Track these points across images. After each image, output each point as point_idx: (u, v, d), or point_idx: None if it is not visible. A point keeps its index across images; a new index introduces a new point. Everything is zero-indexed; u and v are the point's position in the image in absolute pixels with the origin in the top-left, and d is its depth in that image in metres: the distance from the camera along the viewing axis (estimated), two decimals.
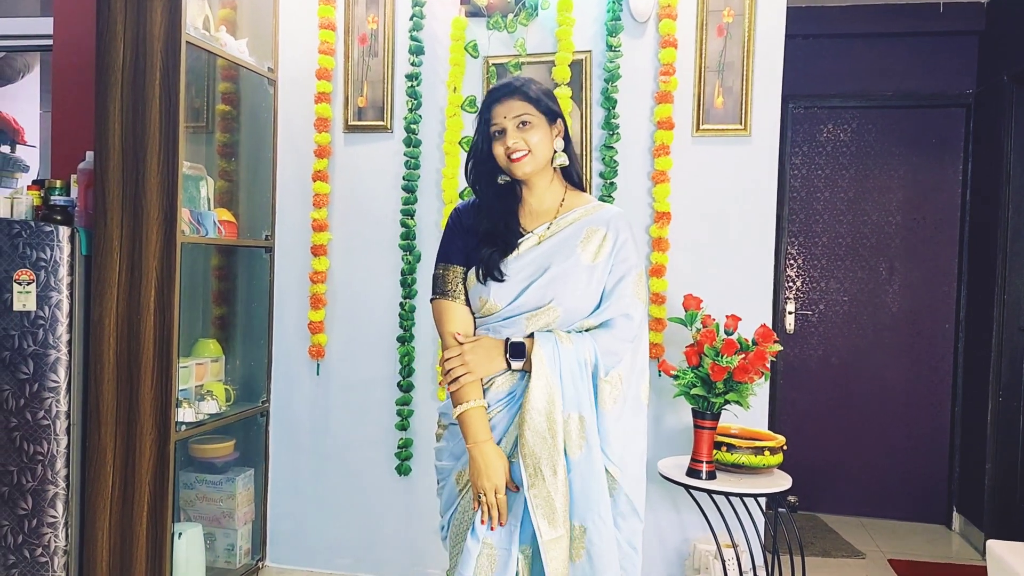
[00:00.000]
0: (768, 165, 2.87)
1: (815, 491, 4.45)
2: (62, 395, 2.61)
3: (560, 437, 1.75)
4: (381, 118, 3.13)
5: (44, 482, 2.60)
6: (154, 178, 2.63)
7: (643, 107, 2.94)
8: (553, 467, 1.73)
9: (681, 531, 2.92)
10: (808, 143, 4.47)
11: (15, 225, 2.61)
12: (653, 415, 2.94)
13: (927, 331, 4.35)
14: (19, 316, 2.59)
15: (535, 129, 1.80)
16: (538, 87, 1.85)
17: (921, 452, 4.36)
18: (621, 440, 1.82)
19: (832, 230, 4.46)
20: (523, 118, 1.80)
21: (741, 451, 2.57)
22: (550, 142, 1.84)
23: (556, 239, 1.83)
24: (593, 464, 1.77)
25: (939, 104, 4.33)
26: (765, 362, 2.47)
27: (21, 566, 2.61)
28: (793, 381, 4.49)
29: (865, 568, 3.68)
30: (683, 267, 2.91)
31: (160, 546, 2.64)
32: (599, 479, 1.77)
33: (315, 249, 3.16)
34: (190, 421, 2.79)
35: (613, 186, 2.92)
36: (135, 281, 2.64)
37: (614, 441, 1.81)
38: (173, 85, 2.63)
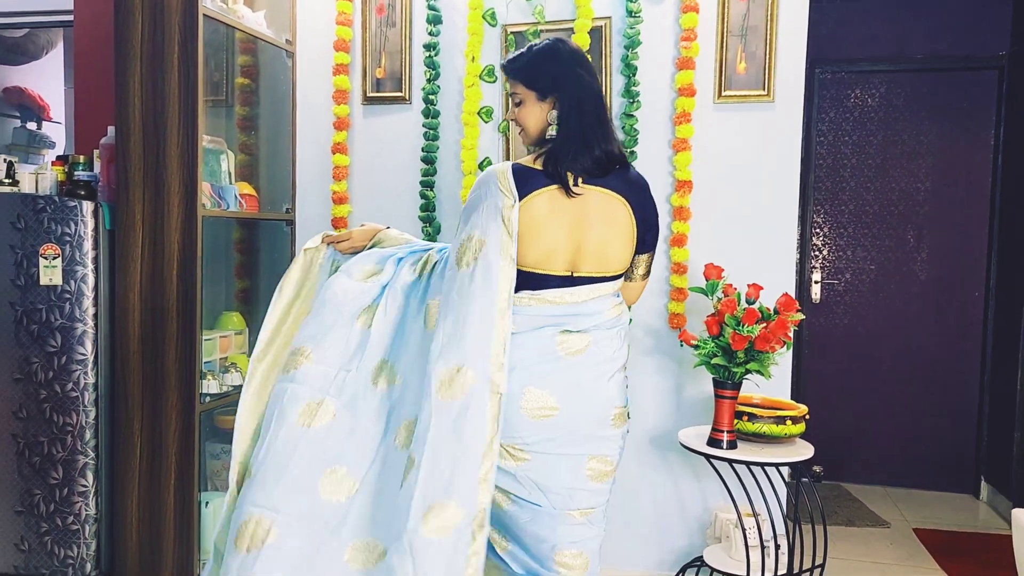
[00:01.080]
0: (792, 132, 2.82)
1: (840, 461, 4.42)
2: (89, 367, 2.66)
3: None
4: (399, 89, 3.12)
5: (74, 452, 2.66)
6: (175, 152, 2.65)
7: (664, 74, 2.89)
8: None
9: (702, 500, 2.93)
10: (835, 108, 4.39)
11: (40, 201, 2.64)
12: (674, 385, 2.93)
13: (956, 299, 4.29)
14: (46, 290, 2.64)
15: (524, 106, 1.93)
16: (530, 59, 1.92)
17: (948, 422, 4.31)
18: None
19: (859, 197, 4.39)
20: (517, 97, 1.94)
21: (762, 420, 2.55)
22: (541, 116, 1.91)
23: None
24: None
25: (971, 67, 4.23)
26: (787, 331, 2.45)
27: (53, 533, 2.68)
28: (819, 351, 4.45)
29: (889, 537, 3.66)
30: (705, 236, 2.88)
31: (188, 514, 2.69)
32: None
33: (335, 222, 3.17)
34: (215, 393, 2.82)
35: (634, 155, 2.89)
36: (158, 255, 2.67)
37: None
38: (191, 59, 2.63)
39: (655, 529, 2.98)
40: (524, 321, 1.85)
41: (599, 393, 1.88)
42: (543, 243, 1.85)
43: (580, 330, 1.87)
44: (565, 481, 1.86)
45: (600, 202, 1.87)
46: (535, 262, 1.86)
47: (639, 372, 2.95)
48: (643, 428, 2.96)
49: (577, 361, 1.86)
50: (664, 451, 2.95)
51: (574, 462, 1.87)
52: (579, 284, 1.88)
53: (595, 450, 1.89)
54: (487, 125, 3.02)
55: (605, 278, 1.90)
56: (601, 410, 1.89)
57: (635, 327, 2.94)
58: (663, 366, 2.94)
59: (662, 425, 2.94)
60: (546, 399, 1.84)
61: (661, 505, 2.97)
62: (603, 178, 1.88)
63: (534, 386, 1.84)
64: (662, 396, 2.95)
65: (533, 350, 1.85)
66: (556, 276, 1.87)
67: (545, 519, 1.86)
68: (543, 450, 1.84)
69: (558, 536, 1.86)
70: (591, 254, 1.88)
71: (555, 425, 1.84)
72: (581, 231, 1.86)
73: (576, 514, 1.88)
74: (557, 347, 1.86)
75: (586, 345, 1.87)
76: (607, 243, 1.89)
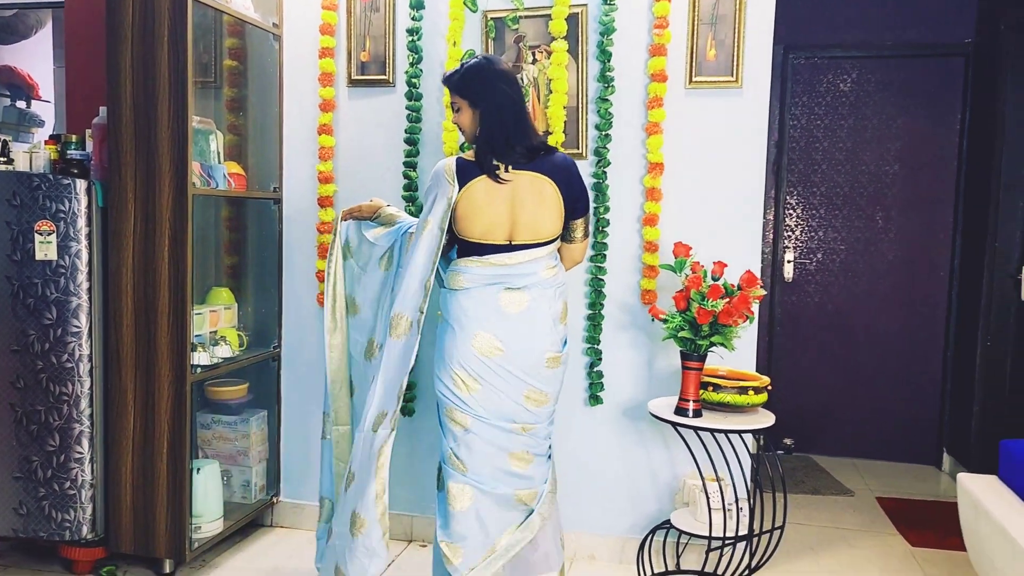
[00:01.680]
0: (758, 116, 2.95)
1: (810, 434, 4.60)
2: (84, 339, 2.77)
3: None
4: (383, 72, 3.22)
5: (70, 420, 2.77)
6: (165, 133, 2.75)
7: (638, 60, 3.01)
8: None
9: (672, 467, 3.07)
10: (808, 93, 4.52)
11: (35, 178, 2.74)
12: (646, 358, 3.07)
13: (922, 279, 4.45)
14: (41, 265, 2.74)
15: (461, 113, 2.45)
16: (463, 75, 2.43)
17: (913, 396, 4.48)
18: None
19: (830, 180, 4.53)
20: (455, 105, 2.47)
21: (726, 391, 2.70)
22: (474, 120, 2.43)
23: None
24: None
25: (938, 54, 4.37)
26: (749, 306, 2.59)
27: (51, 498, 2.80)
28: (790, 328, 4.61)
29: (853, 505, 3.84)
30: (675, 216, 3.01)
31: (180, 480, 2.82)
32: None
33: (322, 200, 3.28)
34: (205, 364, 2.94)
35: (608, 138, 3.01)
36: (150, 232, 2.78)
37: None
38: (181, 41, 2.73)
39: (628, 495, 3.13)
40: (473, 279, 2.41)
41: (536, 340, 2.42)
42: (484, 219, 2.39)
43: (519, 287, 2.41)
44: (508, 404, 2.41)
45: (529, 183, 2.40)
46: (480, 234, 2.40)
47: (613, 346, 3.09)
48: (617, 399, 3.10)
49: (518, 313, 2.40)
50: (636, 421, 3.09)
51: (515, 391, 2.41)
52: (516, 250, 2.41)
53: (533, 383, 2.43)
54: None
55: (538, 244, 2.43)
56: (538, 354, 2.42)
57: (609, 302, 3.07)
58: (636, 340, 3.08)
59: (635, 396, 3.09)
60: (494, 342, 2.39)
61: (633, 472, 3.12)
62: (530, 163, 2.40)
63: (484, 331, 2.40)
64: (635, 369, 3.09)
65: (483, 304, 2.40)
66: (497, 245, 2.41)
67: (496, 431, 2.41)
68: (490, 381, 2.39)
69: (508, 443, 2.42)
70: (524, 226, 2.40)
71: (501, 361, 2.39)
72: (515, 208, 2.39)
73: (518, 427, 2.43)
74: (500, 302, 2.41)
75: (526, 300, 2.41)
76: (538, 215, 2.41)
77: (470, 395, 2.40)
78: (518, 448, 2.44)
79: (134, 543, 2.85)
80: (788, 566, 3.12)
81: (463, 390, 2.40)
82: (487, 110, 2.39)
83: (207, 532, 2.97)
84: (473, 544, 2.39)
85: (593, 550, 3.14)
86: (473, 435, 2.41)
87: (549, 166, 2.42)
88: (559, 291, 2.47)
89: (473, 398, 2.40)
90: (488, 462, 2.42)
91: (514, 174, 2.39)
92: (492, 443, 2.41)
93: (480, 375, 2.39)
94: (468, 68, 2.43)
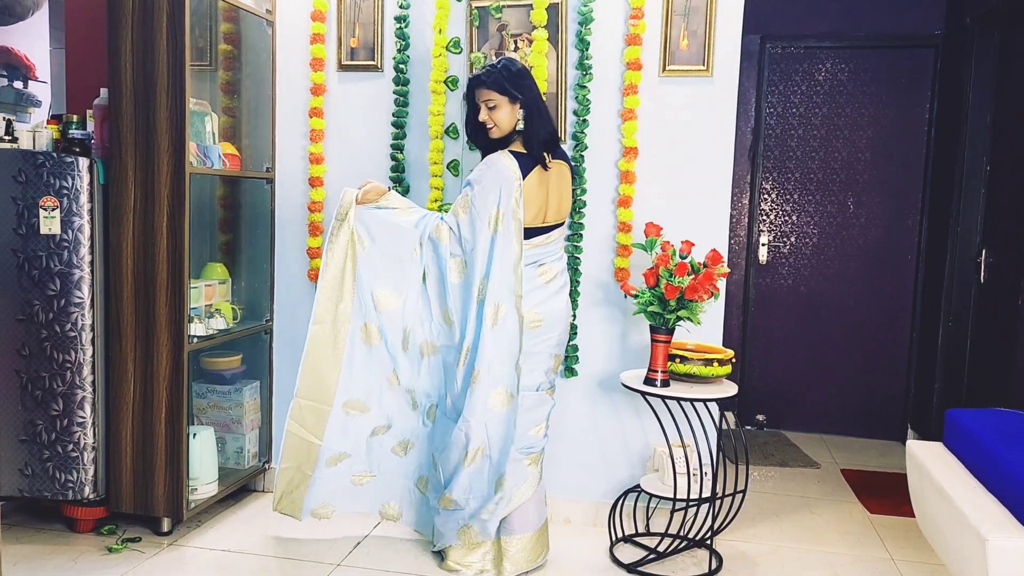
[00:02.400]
0: (727, 103, 3.11)
1: (782, 410, 4.79)
2: (86, 310, 2.92)
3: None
4: (372, 58, 3.36)
5: (73, 387, 2.93)
6: (163, 114, 2.89)
7: (614, 49, 3.16)
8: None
9: (643, 436, 3.25)
10: (784, 82, 4.68)
11: (39, 156, 2.88)
12: (620, 332, 3.24)
13: (890, 263, 4.63)
14: (46, 239, 2.88)
15: (499, 109, 2.74)
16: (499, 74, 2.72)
17: (881, 375, 4.68)
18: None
19: (804, 166, 4.70)
20: (491, 103, 2.74)
21: (693, 362, 2.87)
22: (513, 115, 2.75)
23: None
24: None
25: (910, 45, 4.53)
26: (713, 282, 2.76)
27: (55, 460, 2.96)
28: (764, 309, 4.79)
29: (818, 476, 4.03)
30: (648, 198, 3.17)
31: (177, 444, 2.98)
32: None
33: (312, 180, 3.43)
34: (201, 335, 3.10)
35: (585, 123, 3.16)
36: (149, 208, 2.92)
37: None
38: (179, 26, 2.87)
39: (601, 462, 3.31)
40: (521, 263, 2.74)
41: (563, 305, 2.83)
42: (535, 206, 2.74)
43: (546, 262, 2.81)
44: (539, 374, 2.81)
45: (557, 170, 2.81)
46: (529, 220, 2.73)
47: (588, 322, 3.26)
48: (591, 372, 3.28)
49: (549, 286, 2.79)
50: (610, 392, 3.26)
51: (546, 360, 2.82)
52: (550, 230, 2.81)
53: (558, 350, 2.86)
54: (453, 93, 3.28)
55: (559, 225, 2.85)
56: (565, 318, 2.85)
57: (585, 280, 3.24)
58: (610, 315, 3.25)
59: (608, 369, 3.26)
60: (536, 315, 2.76)
61: (606, 441, 3.30)
62: (555, 152, 2.81)
63: (528, 307, 2.75)
64: (609, 343, 3.26)
65: (527, 283, 2.75)
66: (537, 228, 2.76)
67: (531, 402, 2.80)
68: (532, 352, 2.77)
69: (536, 414, 2.82)
70: (555, 208, 2.81)
71: (540, 332, 2.77)
72: (550, 192, 2.78)
73: (546, 394, 2.86)
74: (539, 277, 2.78)
75: (554, 273, 2.81)
76: (563, 199, 2.85)
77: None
78: (543, 416, 2.84)
79: (134, 503, 3.02)
80: (751, 530, 3.31)
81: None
82: (529, 105, 2.73)
83: (203, 494, 3.14)
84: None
85: (568, 514, 3.32)
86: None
87: (564, 155, 2.88)
88: (566, 265, 2.93)
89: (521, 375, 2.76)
90: (522, 435, 2.79)
91: (552, 163, 2.78)
92: (527, 413, 2.79)
93: (525, 350, 2.74)
94: (504, 67, 2.72)
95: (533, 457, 2.83)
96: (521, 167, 2.69)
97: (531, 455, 2.82)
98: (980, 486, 2.37)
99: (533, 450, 2.83)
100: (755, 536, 3.26)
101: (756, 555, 3.08)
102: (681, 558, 3.00)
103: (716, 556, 2.98)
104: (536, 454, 2.84)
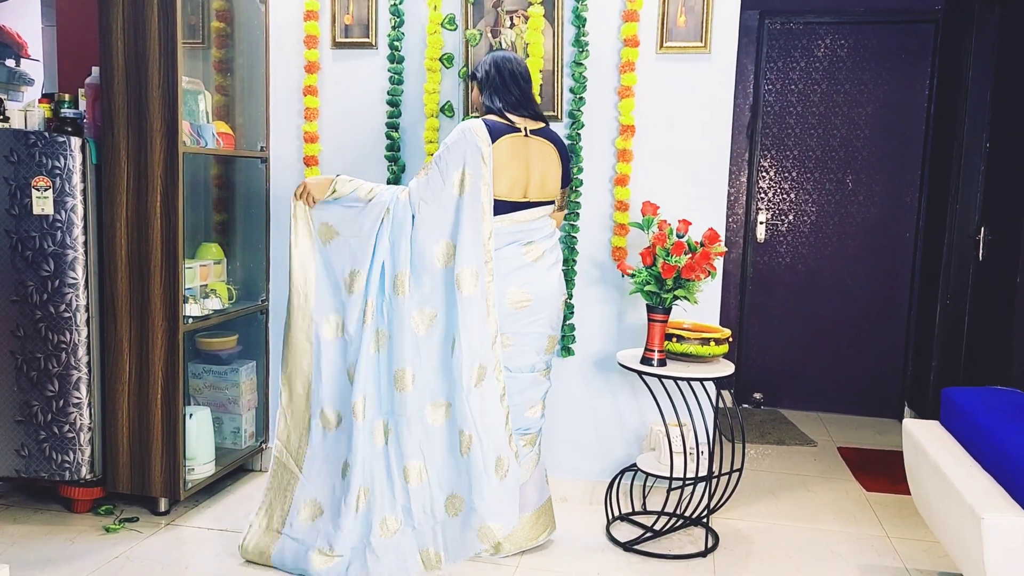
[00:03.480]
0: (725, 80, 3.08)
1: (779, 388, 4.80)
2: (81, 290, 2.90)
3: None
4: (366, 35, 3.32)
5: (68, 367, 2.92)
6: (156, 92, 2.86)
7: (611, 25, 3.13)
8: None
9: (640, 415, 3.25)
10: (783, 58, 4.64)
11: (31, 136, 2.85)
12: (616, 312, 3.24)
13: (888, 240, 4.62)
14: (39, 219, 2.87)
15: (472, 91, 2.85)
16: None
17: (878, 353, 4.68)
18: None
19: (803, 143, 4.67)
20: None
21: (690, 342, 2.86)
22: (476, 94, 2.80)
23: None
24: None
25: (909, 20, 4.48)
26: (710, 261, 2.75)
27: (51, 441, 2.96)
28: (762, 287, 4.78)
29: (814, 454, 4.04)
30: (646, 176, 3.15)
31: (174, 424, 2.98)
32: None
33: (307, 159, 3.40)
34: (196, 315, 3.09)
35: (582, 100, 3.13)
36: (142, 188, 2.90)
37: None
38: (170, 3, 2.83)
39: (597, 442, 3.31)
40: (501, 239, 2.67)
41: (554, 284, 2.77)
42: (506, 177, 2.65)
43: (533, 241, 2.73)
44: (532, 355, 2.76)
45: (540, 147, 2.73)
46: (506, 191, 2.66)
47: (585, 301, 3.25)
48: (588, 351, 3.27)
49: (537, 264, 2.72)
50: (606, 372, 3.26)
51: (537, 340, 2.76)
52: (532, 207, 2.72)
53: (551, 330, 2.80)
54: (448, 71, 3.25)
55: (543, 202, 2.76)
56: (557, 297, 2.79)
57: (582, 259, 3.22)
58: (607, 295, 3.24)
59: (605, 348, 3.26)
60: (523, 295, 2.70)
61: (603, 420, 3.30)
62: (540, 130, 2.74)
63: (514, 286, 2.68)
64: (605, 322, 3.25)
65: (510, 261, 2.68)
66: (517, 202, 2.69)
67: (524, 383, 2.77)
68: (521, 333, 2.72)
69: (532, 394, 2.80)
70: (537, 184, 2.73)
71: (529, 312, 2.71)
72: (532, 168, 2.70)
73: (540, 375, 2.83)
74: (524, 256, 2.71)
75: (541, 252, 2.73)
76: (547, 176, 2.75)
77: (504, 351, 2.70)
78: (538, 398, 2.83)
79: (131, 483, 3.02)
80: (748, 508, 3.32)
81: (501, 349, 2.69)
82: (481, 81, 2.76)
83: (200, 474, 3.14)
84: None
85: (565, 493, 3.33)
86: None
87: (553, 135, 2.79)
88: (557, 241, 2.86)
89: (506, 353, 2.70)
90: (517, 415, 2.76)
91: (532, 137, 2.72)
92: (519, 392, 2.76)
93: (514, 331, 2.70)
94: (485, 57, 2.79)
95: (529, 438, 2.82)
96: (491, 131, 2.63)
97: (527, 436, 2.81)
98: (976, 464, 2.38)
99: (529, 431, 2.82)
100: (751, 514, 3.27)
101: (752, 533, 3.10)
102: (677, 536, 3.01)
103: (712, 534, 2.99)
104: (532, 435, 2.83)
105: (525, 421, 2.80)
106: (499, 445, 2.64)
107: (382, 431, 2.66)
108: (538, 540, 2.85)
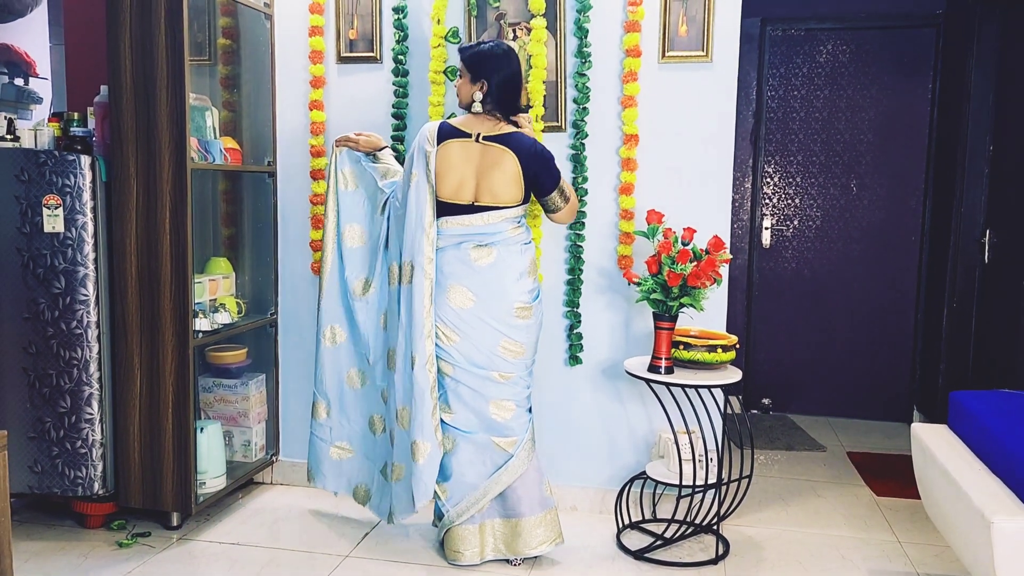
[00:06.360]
0: (727, 89, 3.10)
1: (787, 394, 4.80)
2: (92, 307, 2.93)
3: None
4: (371, 50, 3.35)
5: (80, 384, 2.95)
6: (164, 110, 2.89)
7: (613, 36, 3.15)
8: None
9: (648, 423, 3.26)
10: (785, 64, 4.66)
11: (41, 155, 2.88)
12: (623, 320, 3.25)
13: (894, 244, 4.62)
14: (50, 237, 2.90)
15: (459, 79, 2.84)
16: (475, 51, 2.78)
17: (886, 357, 4.68)
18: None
19: (807, 149, 4.68)
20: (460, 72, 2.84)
21: (697, 349, 2.88)
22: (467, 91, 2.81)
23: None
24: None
25: (911, 24, 4.50)
26: (716, 269, 2.76)
27: (64, 456, 2.98)
28: (768, 293, 4.79)
29: (824, 459, 4.04)
30: (650, 185, 3.17)
31: (185, 439, 3.00)
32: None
33: (314, 173, 3.43)
34: (206, 330, 3.11)
35: (586, 111, 3.15)
36: (151, 205, 2.93)
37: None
38: (177, 21, 2.86)
39: (606, 450, 3.32)
40: (446, 239, 2.76)
41: (504, 291, 2.75)
42: (450, 179, 2.74)
43: (487, 244, 2.75)
44: (485, 354, 2.76)
45: (494, 154, 2.74)
46: (451, 193, 2.74)
47: (592, 309, 3.26)
48: (596, 359, 3.28)
49: (486, 267, 2.75)
50: (614, 380, 3.27)
51: (491, 340, 2.76)
52: (480, 211, 2.75)
53: (508, 333, 2.77)
54: (452, 83, 3.27)
55: (498, 207, 2.75)
56: (508, 303, 2.76)
57: (588, 268, 3.24)
58: (613, 303, 3.25)
59: (612, 356, 3.27)
60: (466, 293, 2.75)
61: (612, 428, 3.31)
62: (498, 137, 2.74)
63: (458, 284, 2.75)
64: (612, 330, 3.26)
65: (455, 260, 2.75)
66: (463, 205, 2.75)
67: (478, 379, 2.77)
68: (467, 331, 2.75)
69: (489, 391, 2.77)
70: (486, 190, 2.75)
71: (473, 312, 2.75)
72: (482, 175, 2.74)
73: (497, 375, 2.78)
74: (471, 258, 2.75)
75: (493, 254, 2.75)
76: (496, 183, 2.74)
77: (451, 345, 2.77)
78: (500, 396, 2.78)
79: (143, 498, 3.04)
80: (758, 514, 3.33)
81: (444, 341, 2.77)
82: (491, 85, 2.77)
83: (211, 488, 3.16)
84: (456, 484, 2.79)
85: (575, 501, 3.34)
86: (458, 382, 2.78)
87: (515, 143, 2.75)
88: (525, 247, 2.81)
89: (454, 347, 2.77)
90: (471, 409, 2.78)
91: (484, 143, 2.74)
92: (475, 390, 2.77)
93: (457, 326, 2.76)
94: (479, 46, 2.80)
95: (508, 442, 2.78)
96: (441, 133, 2.77)
97: (506, 439, 2.78)
98: (985, 468, 2.38)
99: (505, 435, 2.78)
100: (761, 521, 3.28)
101: (763, 540, 3.10)
102: (688, 544, 3.02)
103: (723, 541, 2.99)
104: (511, 439, 2.78)
105: (489, 421, 2.78)
106: (421, 430, 2.76)
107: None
108: (542, 549, 2.82)
